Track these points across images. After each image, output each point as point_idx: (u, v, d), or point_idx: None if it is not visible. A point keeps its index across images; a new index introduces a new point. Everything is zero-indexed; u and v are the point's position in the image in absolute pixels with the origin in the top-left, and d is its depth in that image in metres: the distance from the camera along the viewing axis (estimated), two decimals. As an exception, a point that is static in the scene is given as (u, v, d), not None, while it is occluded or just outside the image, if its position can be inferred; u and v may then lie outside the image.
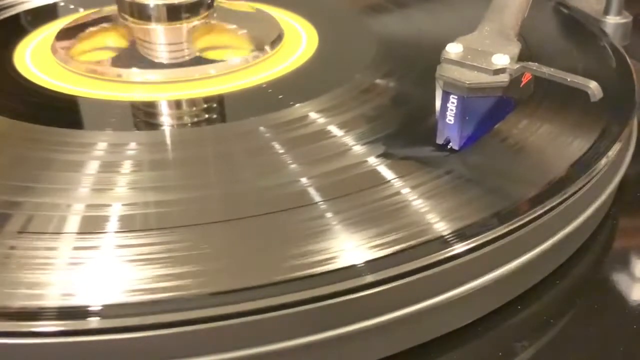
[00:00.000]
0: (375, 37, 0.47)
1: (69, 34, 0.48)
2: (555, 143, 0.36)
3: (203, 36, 0.47)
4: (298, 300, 0.27)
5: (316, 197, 0.32)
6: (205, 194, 0.33)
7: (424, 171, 0.33)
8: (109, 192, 0.33)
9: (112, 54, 0.46)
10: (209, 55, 0.45)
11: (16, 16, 0.53)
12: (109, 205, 0.32)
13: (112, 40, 0.47)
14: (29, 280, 0.27)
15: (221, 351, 0.27)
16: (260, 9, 0.52)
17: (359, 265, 0.28)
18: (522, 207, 0.31)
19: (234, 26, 0.49)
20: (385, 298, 0.28)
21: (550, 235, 0.33)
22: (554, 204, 0.32)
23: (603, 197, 0.36)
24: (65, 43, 0.47)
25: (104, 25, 0.48)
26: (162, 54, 0.45)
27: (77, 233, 0.30)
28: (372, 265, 0.28)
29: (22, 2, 0.55)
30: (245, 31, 0.48)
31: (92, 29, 0.48)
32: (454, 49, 0.34)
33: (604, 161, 0.35)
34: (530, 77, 0.35)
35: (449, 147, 0.35)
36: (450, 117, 0.34)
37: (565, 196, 0.32)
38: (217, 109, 0.42)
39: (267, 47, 0.46)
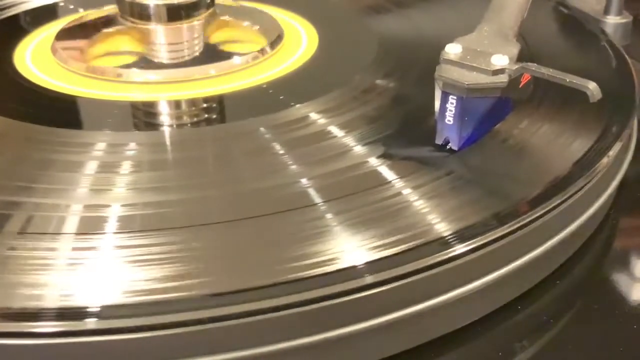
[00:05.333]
0: (376, 37, 0.47)
1: (70, 34, 0.48)
2: (556, 143, 0.36)
3: (216, 31, 0.47)
4: (298, 301, 0.27)
5: (316, 198, 0.32)
6: (205, 194, 0.33)
7: (423, 172, 0.33)
8: (109, 193, 0.33)
9: (132, 59, 0.45)
10: (227, 48, 0.45)
11: (16, 16, 0.53)
12: (108, 206, 0.32)
13: (127, 44, 0.47)
14: (29, 281, 0.27)
15: (220, 352, 0.27)
16: (261, 9, 0.52)
17: (359, 267, 0.28)
18: (522, 207, 0.31)
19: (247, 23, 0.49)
20: (386, 299, 0.28)
21: (551, 236, 0.33)
22: (554, 204, 0.32)
23: (603, 197, 0.36)
24: (67, 43, 0.47)
25: (118, 27, 0.48)
26: (162, 54, 0.45)
27: (77, 234, 0.30)
28: (373, 266, 0.28)
29: (22, 2, 0.55)
30: (257, 27, 0.49)
31: (105, 30, 0.48)
32: (453, 50, 0.34)
33: (604, 161, 0.35)
34: (529, 77, 0.35)
35: (448, 147, 0.35)
36: (449, 118, 0.34)
37: (565, 196, 0.32)
38: (217, 109, 0.42)
39: (267, 47, 0.46)
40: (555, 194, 0.32)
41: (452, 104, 0.34)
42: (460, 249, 0.29)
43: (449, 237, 0.30)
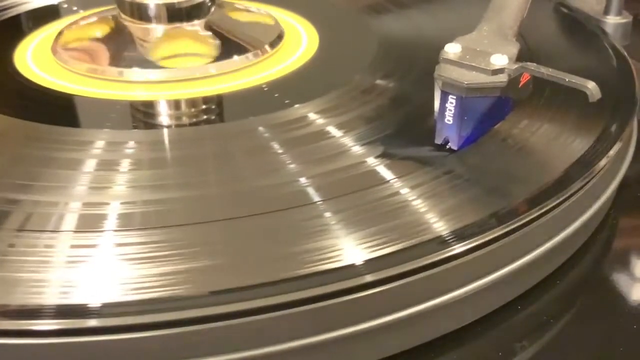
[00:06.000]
0: (376, 37, 0.47)
1: (70, 34, 0.48)
2: (555, 143, 0.36)
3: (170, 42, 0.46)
4: (297, 300, 0.27)
5: (315, 196, 0.32)
6: (203, 193, 0.33)
7: (423, 171, 0.33)
8: (108, 191, 0.33)
9: (101, 45, 0.46)
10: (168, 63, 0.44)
11: (17, 17, 0.54)
12: (107, 204, 0.32)
13: (100, 31, 0.47)
14: (28, 278, 0.27)
15: (220, 352, 0.27)
16: (261, 9, 0.52)
17: (358, 265, 0.28)
18: (521, 207, 0.31)
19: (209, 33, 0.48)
20: (385, 298, 0.28)
21: (551, 236, 0.33)
22: (554, 204, 0.32)
23: (603, 197, 0.36)
24: (67, 44, 0.47)
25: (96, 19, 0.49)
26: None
27: (76, 231, 0.30)
28: (371, 264, 0.28)
29: (24, 3, 0.55)
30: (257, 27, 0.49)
31: (85, 22, 0.49)
32: (452, 49, 0.34)
33: (604, 161, 0.35)
34: (529, 77, 0.35)
35: (447, 147, 0.35)
36: (449, 117, 0.34)
37: (565, 196, 0.32)
38: (217, 109, 0.42)
39: (267, 47, 0.46)
40: (555, 194, 0.32)
41: (451, 103, 0.34)
42: (459, 248, 0.29)
43: (449, 236, 0.29)
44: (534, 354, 0.31)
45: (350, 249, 0.29)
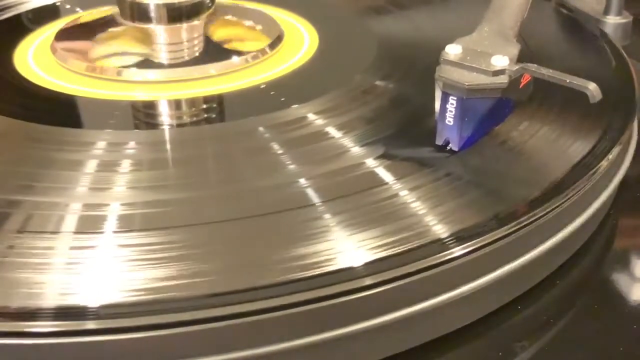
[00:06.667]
0: (376, 38, 0.47)
1: (69, 34, 0.48)
2: (556, 145, 0.36)
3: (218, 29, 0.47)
4: (296, 301, 0.27)
5: (315, 198, 0.32)
6: (204, 194, 0.33)
7: (423, 172, 0.33)
8: (108, 192, 0.33)
9: (136, 59, 0.45)
10: (229, 46, 0.46)
11: (17, 16, 0.53)
12: (107, 205, 0.32)
13: (129, 45, 0.47)
14: (28, 280, 0.27)
15: (218, 352, 0.27)
16: (261, 10, 0.52)
17: (357, 267, 0.28)
18: (521, 209, 0.31)
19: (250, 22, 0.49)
20: (385, 299, 0.28)
21: (551, 236, 0.33)
22: (554, 206, 0.32)
23: (603, 198, 0.36)
24: (67, 43, 0.47)
25: (118, 28, 0.48)
26: (162, 54, 0.45)
27: (76, 232, 0.30)
28: (371, 267, 0.28)
29: (23, 2, 0.55)
30: (260, 27, 0.49)
31: (106, 31, 0.48)
32: (453, 50, 0.34)
33: (604, 163, 0.35)
34: (530, 78, 0.35)
35: (448, 148, 0.35)
36: (449, 118, 0.34)
37: (565, 198, 0.32)
38: (217, 109, 0.42)
39: (266, 48, 0.46)
40: (555, 196, 0.32)
41: (452, 104, 0.34)
42: (459, 250, 0.29)
43: (449, 238, 0.30)
44: (534, 354, 0.31)
45: (350, 251, 0.29)
